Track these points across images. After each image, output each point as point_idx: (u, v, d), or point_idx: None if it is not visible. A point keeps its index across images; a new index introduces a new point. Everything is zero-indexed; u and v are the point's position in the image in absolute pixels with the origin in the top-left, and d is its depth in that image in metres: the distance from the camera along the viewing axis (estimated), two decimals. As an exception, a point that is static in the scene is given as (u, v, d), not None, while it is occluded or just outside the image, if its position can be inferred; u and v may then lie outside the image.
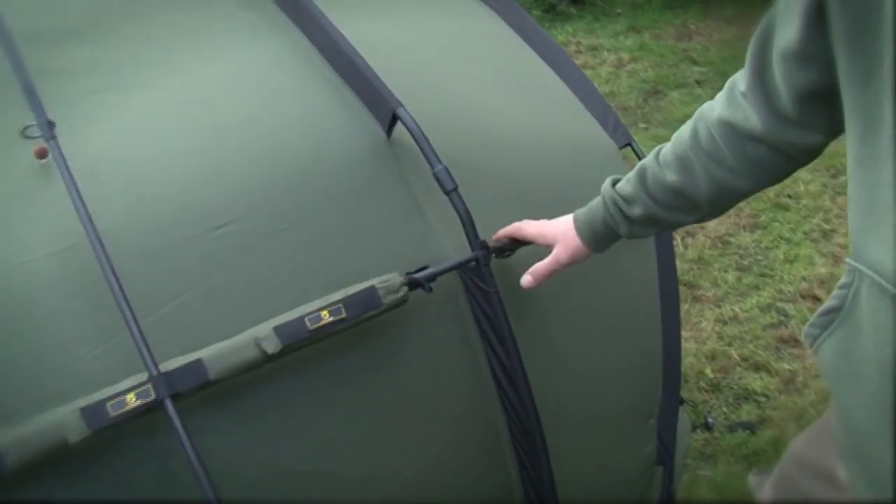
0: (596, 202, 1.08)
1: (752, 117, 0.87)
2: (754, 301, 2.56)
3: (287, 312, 0.98)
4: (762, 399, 2.18)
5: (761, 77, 0.85)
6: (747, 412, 2.14)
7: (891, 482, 0.76)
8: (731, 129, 0.90)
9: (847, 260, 0.80)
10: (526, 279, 1.12)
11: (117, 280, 0.91)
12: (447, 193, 1.10)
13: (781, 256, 2.77)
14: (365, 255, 1.09)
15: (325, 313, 0.98)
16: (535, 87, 1.62)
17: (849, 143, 0.78)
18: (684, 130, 0.97)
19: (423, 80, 1.29)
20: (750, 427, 2.08)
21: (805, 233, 2.87)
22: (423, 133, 1.11)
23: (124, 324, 0.91)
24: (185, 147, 1.09)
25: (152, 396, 0.88)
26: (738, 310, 2.53)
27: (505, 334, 1.12)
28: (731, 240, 2.87)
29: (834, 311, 0.81)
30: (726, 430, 2.08)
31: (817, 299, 2.56)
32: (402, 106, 1.12)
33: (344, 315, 0.98)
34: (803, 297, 2.59)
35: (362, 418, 1.09)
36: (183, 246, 0.99)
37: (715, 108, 0.92)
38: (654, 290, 1.56)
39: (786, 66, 0.82)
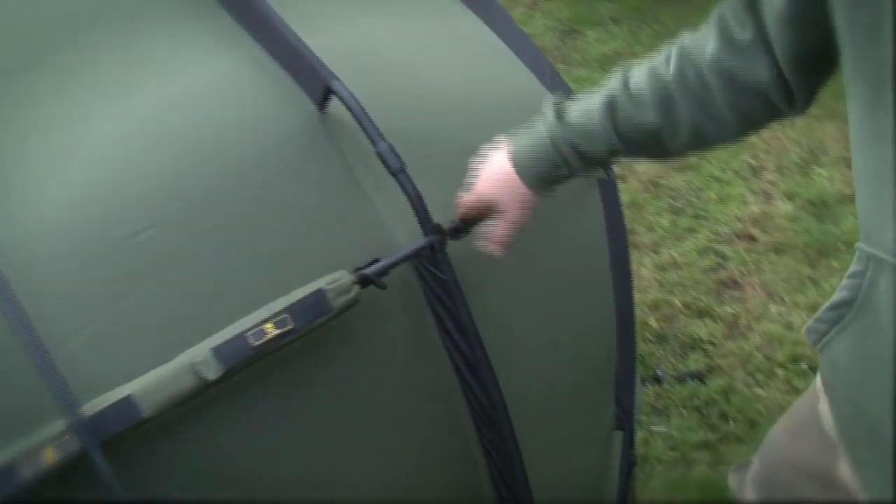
0: (536, 139, 0.95)
1: (758, 69, 0.79)
2: (691, 244, 2.52)
3: (225, 329, 0.85)
4: (708, 346, 2.15)
5: (762, 31, 0.76)
6: (695, 361, 2.11)
7: None
8: (730, 78, 0.81)
9: (858, 245, 0.72)
10: (491, 248, 1.02)
11: (17, 308, 0.77)
12: (394, 175, 0.99)
13: (714, 196, 2.74)
14: (306, 250, 0.97)
15: (269, 326, 0.86)
16: (468, 43, 1.50)
17: (853, 114, 0.69)
18: (663, 66, 0.87)
19: (355, 47, 1.15)
20: (699, 376, 2.05)
21: (735, 171, 2.85)
22: (361, 107, 0.99)
23: (32, 360, 0.77)
24: (90, 147, 0.94)
25: (75, 448, 0.75)
26: (676, 254, 2.49)
27: (466, 325, 1.02)
28: (663, 182, 2.82)
29: (845, 304, 0.73)
30: (676, 381, 2.05)
31: (753, 239, 2.55)
32: (336, 79, 0.99)
33: (291, 326, 0.86)
34: (739, 237, 2.57)
35: (316, 422, 0.98)
36: (96, 260, 0.85)
37: (706, 48, 0.82)
38: (603, 246, 1.48)
39: (780, 27, 0.73)
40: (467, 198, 1.02)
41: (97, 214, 0.89)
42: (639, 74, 0.88)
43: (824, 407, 0.83)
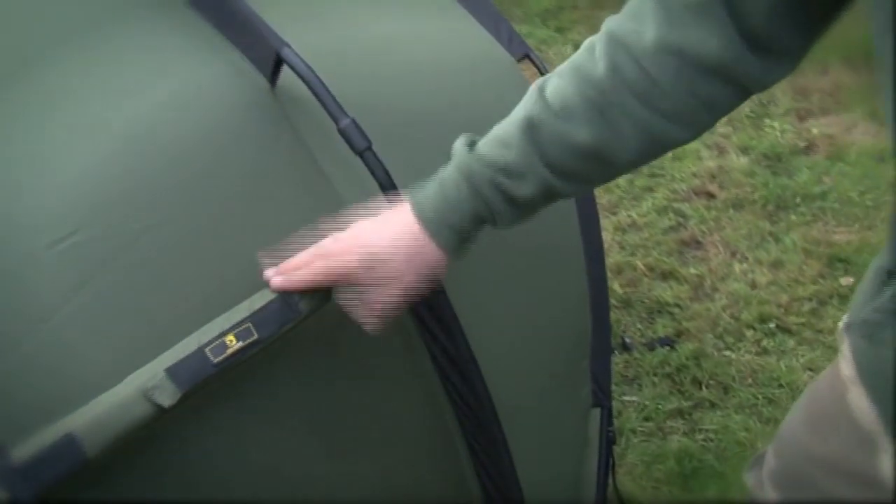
0: (448, 183, 0.75)
1: (709, 41, 0.64)
2: (650, 204, 2.45)
3: (178, 345, 0.73)
4: (675, 310, 2.09)
5: None
6: (663, 326, 2.05)
7: None
8: (677, 59, 0.66)
9: None
10: (369, 320, 0.81)
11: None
12: (359, 154, 0.87)
13: (669, 154, 2.66)
14: (262, 244, 0.85)
15: (230, 339, 0.74)
16: (421, 4, 1.38)
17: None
18: (590, 63, 0.70)
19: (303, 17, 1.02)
20: (669, 343, 1.99)
21: (688, 126, 2.78)
22: (318, 78, 0.87)
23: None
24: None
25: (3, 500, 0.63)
26: (634, 215, 2.42)
27: (448, 319, 0.92)
28: (616, 140, 2.74)
29: None
30: (645, 348, 1.98)
31: (711, 195, 2.49)
32: (287, 46, 0.86)
33: (255, 337, 0.75)
34: (697, 194, 2.51)
35: (291, 427, 0.88)
36: (6, 278, 0.72)
37: (642, 28, 0.67)
38: (573, 217, 1.39)
39: None
40: (350, 264, 0.78)
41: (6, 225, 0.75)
42: (559, 81, 0.71)
43: (856, 398, 0.74)
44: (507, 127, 0.74)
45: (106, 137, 0.83)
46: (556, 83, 0.72)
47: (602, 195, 2.50)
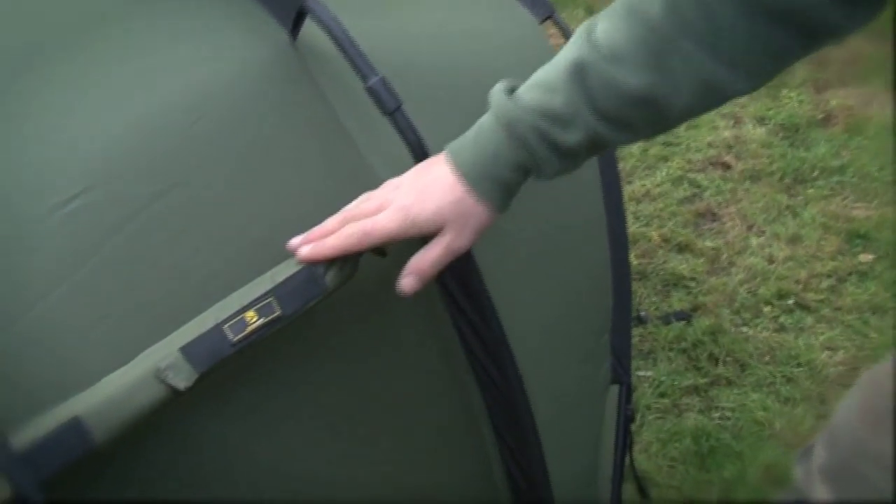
0: (487, 133, 0.70)
1: None
2: (664, 174, 2.39)
3: (194, 321, 0.67)
4: (691, 283, 2.04)
5: None
6: (678, 300, 1.99)
7: None
8: (747, 2, 0.60)
9: None
10: (406, 281, 0.74)
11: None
12: (389, 114, 0.80)
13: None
14: (283, 210, 0.78)
15: (250, 315, 0.67)
16: None
17: None
18: (644, 2, 0.63)
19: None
20: (685, 317, 1.93)
21: (705, 94, 2.70)
22: (345, 32, 0.80)
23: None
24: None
25: (6, 495, 0.57)
26: (649, 185, 2.35)
27: (481, 297, 0.85)
28: (631, 107, 2.67)
29: None
30: (660, 322, 1.93)
31: (728, 166, 2.42)
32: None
33: (278, 313, 0.68)
34: (713, 164, 2.44)
35: (313, 415, 0.81)
36: (6, 243, 0.66)
37: None
38: (597, 184, 1.33)
39: None
40: (379, 226, 0.72)
41: (10, 186, 0.68)
42: (610, 22, 0.65)
43: None
44: (552, 71, 0.67)
45: (117, 98, 0.76)
46: (607, 24, 0.65)
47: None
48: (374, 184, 0.81)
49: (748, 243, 2.14)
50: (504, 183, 0.71)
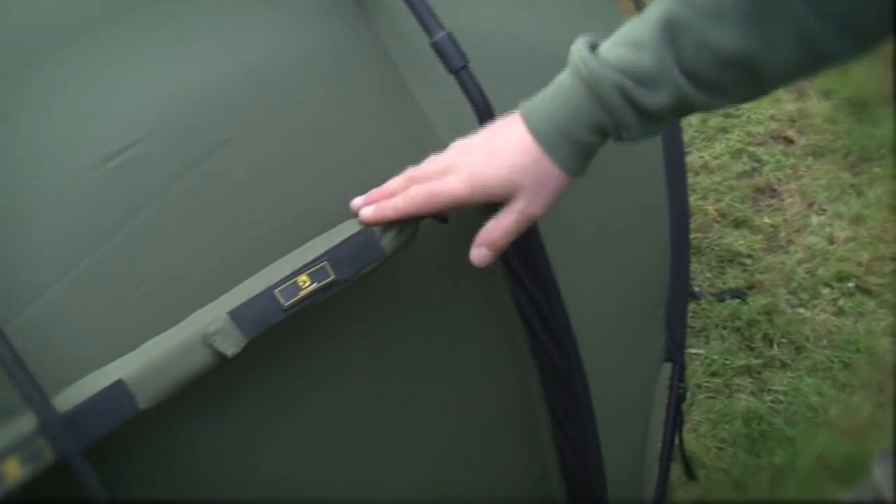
0: (567, 91, 0.64)
1: None
2: (723, 146, 2.31)
3: (244, 284, 0.63)
4: (747, 261, 1.97)
5: None
6: (734, 277, 1.93)
7: None
8: None
9: None
10: (479, 253, 0.69)
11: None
12: (455, 73, 0.75)
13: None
14: (342, 170, 0.74)
15: (303, 279, 0.64)
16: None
17: None
18: None
19: None
20: (739, 295, 1.87)
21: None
22: (412, -18, 0.75)
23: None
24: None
25: (49, 458, 0.54)
26: (707, 157, 2.27)
27: (543, 271, 0.81)
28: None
29: None
30: (714, 299, 1.87)
31: (790, 141, 2.33)
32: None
33: (332, 278, 0.65)
34: (774, 138, 2.35)
35: (352, 399, 0.78)
36: (53, 196, 0.62)
37: None
38: (660, 162, 1.27)
39: None
40: (445, 188, 0.67)
41: (81, 134, 0.65)
42: None
43: None
44: (640, 26, 0.61)
45: (174, 55, 0.72)
46: None
47: (672, 133, 2.36)
48: (436, 144, 0.77)
49: (808, 221, 2.07)
50: (582, 144, 0.65)
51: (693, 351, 1.75)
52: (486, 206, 0.68)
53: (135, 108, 0.67)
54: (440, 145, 0.75)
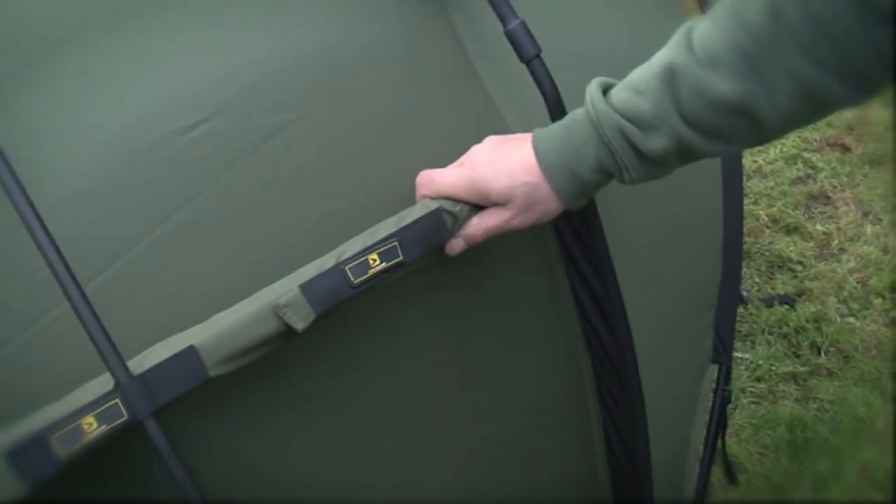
0: (574, 127, 0.67)
1: None
2: (778, 151, 2.28)
3: (316, 261, 0.64)
4: (797, 267, 1.95)
5: None
6: (783, 283, 1.90)
7: None
8: (859, 3, 0.53)
9: None
10: (455, 243, 0.71)
11: (40, 230, 0.57)
12: (526, 62, 0.76)
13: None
14: (409, 152, 0.75)
15: (373, 258, 0.65)
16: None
17: None
18: (744, 6, 0.58)
19: None
20: (788, 301, 1.85)
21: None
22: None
23: (58, 300, 0.57)
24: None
25: (124, 417, 0.55)
26: (761, 161, 2.25)
27: (602, 259, 0.81)
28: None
29: None
30: (762, 304, 1.85)
31: (847, 148, 2.30)
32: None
33: (401, 258, 0.66)
34: (830, 145, 2.32)
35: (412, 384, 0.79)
36: (132, 166, 0.64)
37: None
38: (717, 168, 1.26)
39: None
40: (444, 181, 0.70)
41: (141, 110, 0.66)
42: (709, 25, 0.61)
43: None
44: (645, 72, 0.64)
45: (246, 33, 0.73)
46: (706, 27, 0.61)
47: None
48: (499, 126, 0.77)
49: (862, 230, 2.03)
50: (581, 179, 0.68)
51: (739, 355, 1.74)
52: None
53: (208, 84, 0.68)
54: (507, 132, 0.75)
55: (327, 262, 0.64)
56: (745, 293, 1.85)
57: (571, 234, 0.82)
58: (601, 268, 0.81)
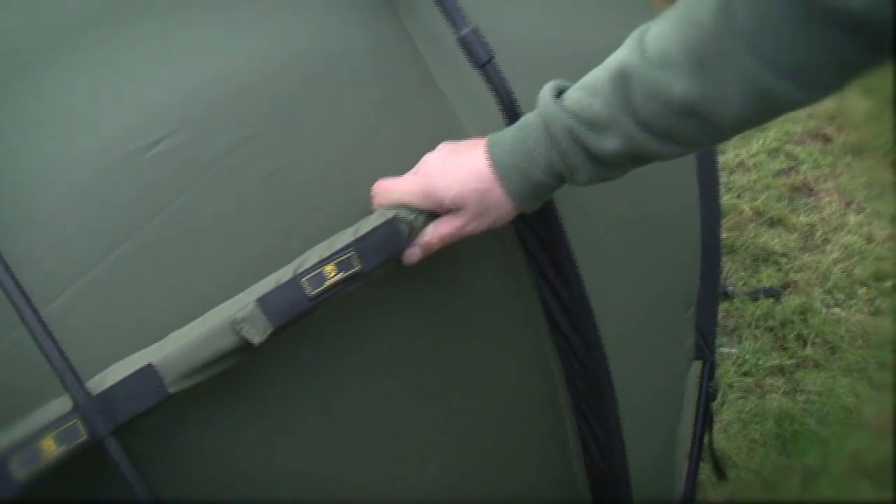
0: (527, 129, 0.68)
1: None
2: (760, 144, 2.29)
3: (273, 274, 0.65)
4: (782, 259, 1.95)
5: None
6: (768, 275, 1.91)
7: None
8: (806, 4, 0.54)
9: None
10: (411, 252, 0.71)
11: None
12: (480, 67, 0.76)
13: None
14: (371, 161, 0.75)
15: (330, 269, 0.65)
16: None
17: None
18: (696, 7, 0.59)
19: None
20: (773, 293, 1.85)
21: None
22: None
23: (15, 323, 0.57)
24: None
25: (83, 437, 0.56)
26: (744, 154, 2.25)
27: (565, 263, 0.82)
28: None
29: None
30: (748, 298, 1.85)
31: (828, 139, 2.30)
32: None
33: (358, 268, 0.66)
34: (812, 137, 2.33)
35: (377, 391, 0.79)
36: (92, 187, 0.64)
37: None
38: (692, 163, 1.26)
39: None
40: (408, 188, 0.71)
41: (101, 131, 0.67)
42: (661, 26, 0.61)
43: None
44: (599, 73, 0.64)
45: (203, 51, 0.73)
46: (659, 28, 0.61)
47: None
48: (457, 131, 0.78)
49: (846, 220, 2.04)
50: (534, 182, 0.68)
51: (725, 350, 1.74)
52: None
53: (168, 101, 0.69)
54: (466, 138, 0.76)
55: (285, 274, 0.64)
56: (730, 288, 1.86)
57: (535, 240, 0.82)
58: (565, 272, 0.82)
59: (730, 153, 2.23)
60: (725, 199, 2.09)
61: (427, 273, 0.77)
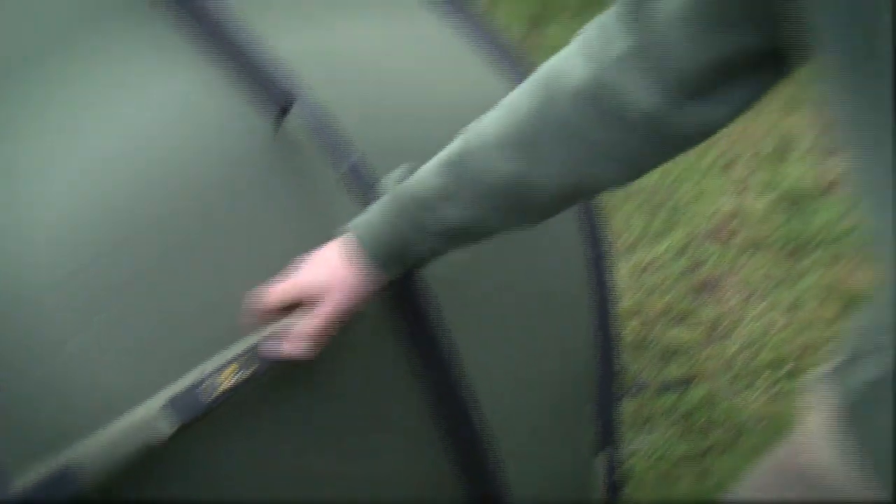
0: (377, 209, 0.78)
1: (635, 92, 0.63)
2: (668, 244, 2.45)
3: (184, 377, 0.75)
4: (689, 352, 2.09)
5: (645, 39, 0.61)
6: (676, 368, 2.04)
7: None
8: (601, 105, 0.64)
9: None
10: (294, 348, 0.81)
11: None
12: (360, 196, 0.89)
13: (688, 194, 2.67)
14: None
15: (227, 373, 0.76)
16: (436, 44, 1.39)
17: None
18: (521, 99, 0.69)
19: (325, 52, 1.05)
20: (681, 385, 1.98)
21: (708, 166, 2.78)
22: (324, 122, 0.89)
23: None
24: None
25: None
26: (652, 255, 2.42)
27: (447, 362, 0.93)
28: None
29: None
30: (658, 390, 1.98)
31: (730, 236, 2.48)
32: (296, 96, 0.89)
33: (252, 371, 0.77)
34: (715, 235, 2.50)
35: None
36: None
37: (572, 72, 0.65)
38: (579, 251, 1.37)
39: (689, 31, 0.59)
40: (286, 291, 0.81)
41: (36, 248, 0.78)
42: (486, 120, 0.72)
43: None
44: (443, 154, 0.74)
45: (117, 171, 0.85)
46: (483, 122, 0.72)
47: (620, 234, 2.51)
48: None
49: (747, 312, 2.19)
50: (392, 248, 0.77)
51: (635, 443, 1.84)
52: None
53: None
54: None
55: (190, 378, 0.75)
56: (641, 382, 1.98)
57: (413, 340, 0.93)
58: (436, 354, 0.92)
59: (639, 253, 2.39)
60: (637, 297, 2.24)
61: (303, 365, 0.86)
